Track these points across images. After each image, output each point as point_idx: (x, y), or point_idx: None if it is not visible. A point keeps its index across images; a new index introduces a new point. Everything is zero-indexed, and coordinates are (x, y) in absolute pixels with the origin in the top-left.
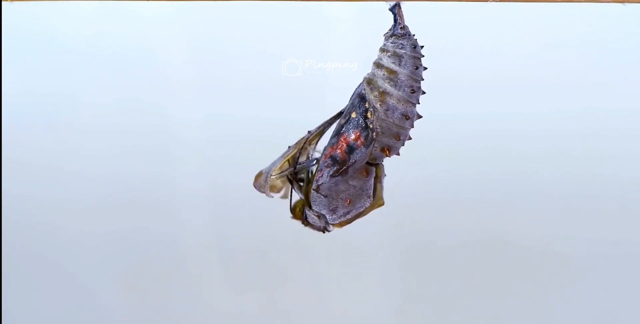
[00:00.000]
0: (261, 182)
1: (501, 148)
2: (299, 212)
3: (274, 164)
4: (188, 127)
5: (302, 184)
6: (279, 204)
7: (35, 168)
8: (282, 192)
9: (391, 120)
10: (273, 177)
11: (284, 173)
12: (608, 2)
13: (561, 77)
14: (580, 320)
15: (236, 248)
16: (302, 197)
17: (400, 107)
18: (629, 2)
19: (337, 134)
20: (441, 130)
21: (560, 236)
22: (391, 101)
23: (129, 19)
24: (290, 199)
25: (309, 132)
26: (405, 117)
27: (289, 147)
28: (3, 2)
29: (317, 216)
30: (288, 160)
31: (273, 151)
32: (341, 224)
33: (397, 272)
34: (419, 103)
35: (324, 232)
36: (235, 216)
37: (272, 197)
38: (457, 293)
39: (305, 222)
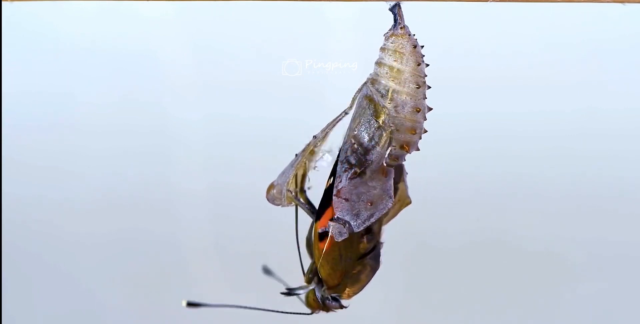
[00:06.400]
0: (275, 194)
1: (501, 148)
2: (314, 301)
3: (284, 174)
4: (188, 127)
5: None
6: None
7: (35, 168)
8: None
9: (403, 115)
10: (289, 192)
11: (297, 197)
12: (608, 2)
13: (561, 77)
14: (582, 321)
15: (236, 248)
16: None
17: (409, 102)
18: (629, 2)
19: (350, 138)
20: (441, 130)
21: (562, 237)
22: (399, 98)
23: (129, 19)
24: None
25: (314, 137)
26: (417, 110)
27: (296, 155)
28: (3, 2)
29: (342, 223)
30: (298, 171)
31: (273, 151)
32: (349, 295)
33: (398, 272)
34: (425, 98)
35: (342, 308)
36: (235, 216)
37: (287, 206)
38: (459, 293)
39: (325, 308)
